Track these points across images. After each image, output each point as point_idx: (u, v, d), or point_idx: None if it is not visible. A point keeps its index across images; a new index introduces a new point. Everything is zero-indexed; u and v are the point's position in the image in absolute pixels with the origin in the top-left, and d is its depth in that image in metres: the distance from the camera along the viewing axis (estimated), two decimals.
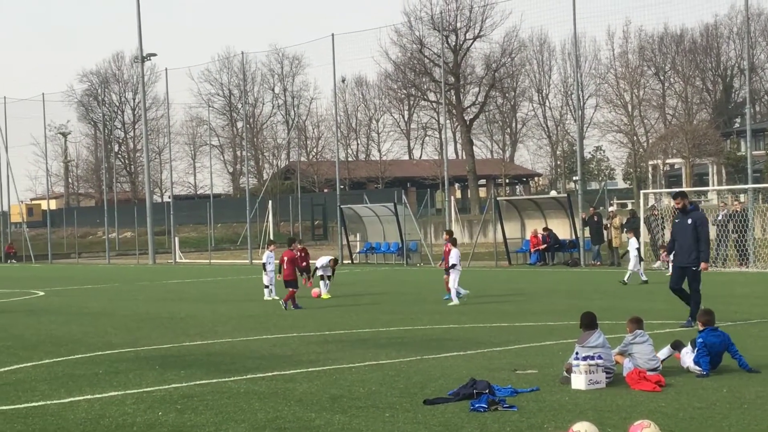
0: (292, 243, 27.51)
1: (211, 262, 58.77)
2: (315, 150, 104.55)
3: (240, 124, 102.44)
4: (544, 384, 12.28)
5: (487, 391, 11.29)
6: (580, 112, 64.75)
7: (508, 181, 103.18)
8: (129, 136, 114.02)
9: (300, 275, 26.84)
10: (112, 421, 10.92)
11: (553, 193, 64.67)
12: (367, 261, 51.09)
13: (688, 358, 13.07)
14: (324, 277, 28.25)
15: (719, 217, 36.73)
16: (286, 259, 25.87)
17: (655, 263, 35.63)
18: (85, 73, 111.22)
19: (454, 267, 24.71)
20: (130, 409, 11.55)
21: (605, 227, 40.59)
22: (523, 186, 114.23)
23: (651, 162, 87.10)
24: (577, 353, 12.39)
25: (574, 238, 42.50)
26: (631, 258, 30.49)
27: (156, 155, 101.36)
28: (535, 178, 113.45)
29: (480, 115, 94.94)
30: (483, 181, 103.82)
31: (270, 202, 61.14)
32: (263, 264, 28.36)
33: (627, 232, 34.70)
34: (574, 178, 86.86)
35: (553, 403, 11.20)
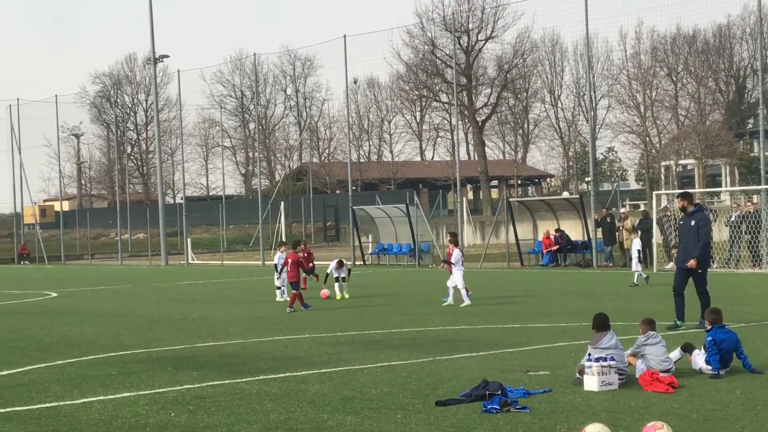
0: (297, 245, 27.88)
1: (223, 263, 58.85)
2: (327, 151, 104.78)
3: (252, 126, 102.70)
4: (557, 385, 12.26)
5: (499, 392, 11.29)
6: (592, 113, 64.67)
7: (520, 182, 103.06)
8: (141, 137, 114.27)
9: (303, 277, 26.96)
10: (124, 422, 10.95)
11: (565, 194, 64.60)
12: (379, 262, 51.11)
13: (700, 359, 13.05)
14: (339, 279, 28.36)
15: (732, 218, 36.62)
16: (290, 261, 26.01)
17: (668, 264, 35.52)
18: (98, 74, 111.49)
19: (453, 266, 24.60)
20: (142, 410, 11.57)
21: (617, 229, 40.53)
22: (535, 187, 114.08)
23: (663, 163, 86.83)
24: (589, 354, 12.37)
25: (586, 239, 42.45)
26: (633, 258, 30.69)
27: (168, 156, 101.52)
28: (548, 179, 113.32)
29: (492, 116, 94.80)
30: (495, 182, 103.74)
31: (282, 203, 61.25)
32: (275, 265, 28.48)
33: (630, 233, 34.69)
34: (587, 179, 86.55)
35: (565, 404, 11.18)
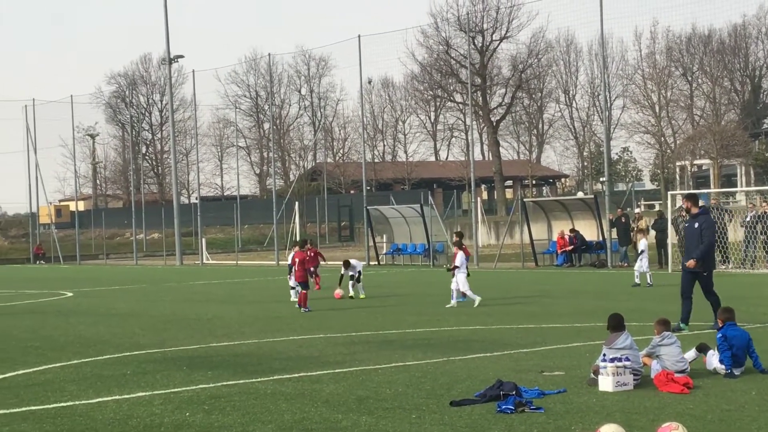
0: (304, 244, 28.16)
1: (237, 263, 58.93)
2: (341, 151, 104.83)
3: (267, 126, 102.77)
4: (571, 386, 12.24)
5: (513, 392, 11.28)
6: (607, 113, 64.39)
7: (534, 182, 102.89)
8: (156, 137, 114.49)
9: (310, 277, 27.04)
10: (139, 422, 10.97)
11: (580, 194, 64.39)
12: (394, 262, 51.11)
13: (714, 359, 13.02)
14: (353, 279, 28.42)
15: (747, 219, 36.47)
16: (297, 260, 26.08)
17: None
18: (113, 75, 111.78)
19: (457, 269, 24.59)
20: (157, 410, 11.60)
21: (632, 230, 40.42)
22: (550, 187, 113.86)
23: (678, 163, 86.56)
24: (604, 355, 12.35)
25: (601, 239, 42.37)
26: (640, 258, 30.59)
27: (183, 156, 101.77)
28: (562, 180, 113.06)
29: (506, 117, 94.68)
30: (509, 183, 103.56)
31: (296, 203, 61.22)
32: (289, 265, 28.52)
33: (638, 232, 34.56)
34: (601, 179, 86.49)
35: (580, 404, 11.16)
